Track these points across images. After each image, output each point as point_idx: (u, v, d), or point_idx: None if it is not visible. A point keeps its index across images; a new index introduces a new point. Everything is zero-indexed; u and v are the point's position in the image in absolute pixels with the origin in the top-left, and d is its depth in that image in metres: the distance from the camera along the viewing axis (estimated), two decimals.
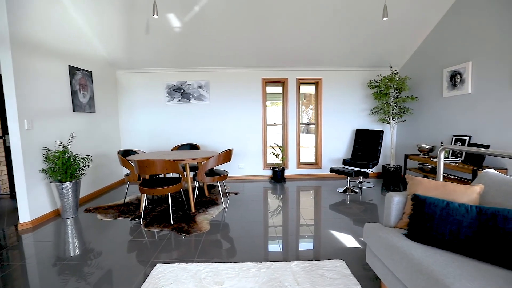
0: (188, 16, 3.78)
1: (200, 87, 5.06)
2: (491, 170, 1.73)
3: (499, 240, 1.26)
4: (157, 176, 3.99)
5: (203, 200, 3.74)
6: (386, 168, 4.80)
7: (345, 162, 4.68)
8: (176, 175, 5.05)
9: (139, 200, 3.81)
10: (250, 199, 3.92)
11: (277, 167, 5.06)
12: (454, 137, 3.72)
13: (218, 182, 3.63)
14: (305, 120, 9.00)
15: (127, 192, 3.98)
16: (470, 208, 1.38)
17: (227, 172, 3.77)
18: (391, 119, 4.75)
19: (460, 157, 3.53)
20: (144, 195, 3.22)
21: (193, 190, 3.95)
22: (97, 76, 4.34)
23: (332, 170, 4.36)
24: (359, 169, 4.48)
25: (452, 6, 3.74)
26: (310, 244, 2.50)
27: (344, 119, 5.26)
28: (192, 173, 4.53)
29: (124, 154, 3.87)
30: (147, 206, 3.53)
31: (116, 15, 3.75)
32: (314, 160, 5.52)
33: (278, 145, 5.14)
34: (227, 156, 3.51)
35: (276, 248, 2.43)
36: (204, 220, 3.04)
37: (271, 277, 1.90)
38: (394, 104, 4.66)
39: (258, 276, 1.91)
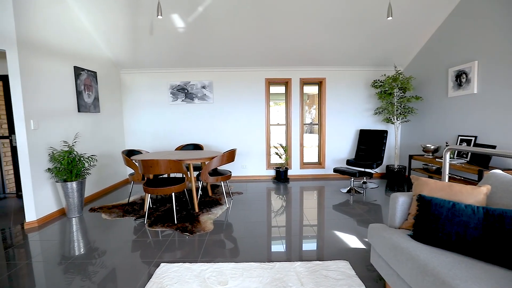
0: (191, 16, 3.80)
1: (204, 87, 5.07)
2: (498, 171, 1.71)
3: (507, 241, 1.24)
4: (161, 176, 4.01)
5: (207, 200, 3.75)
6: (390, 168, 4.77)
7: (348, 163, 4.66)
8: (179, 175, 5.07)
9: (143, 200, 3.83)
10: (254, 199, 3.92)
11: (280, 167, 5.05)
12: (460, 137, 3.68)
13: (221, 182, 3.64)
14: (308, 120, 8.97)
15: (131, 191, 4.01)
16: (477, 209, 1.37)
17: (230, 172, 3.78)
18: (395, 119, 4.72)
19: (466, 157, 3.49)
20: (148, 195, 3.23)
21: (196, 190, 3.96)
22: (101, 77, 4.37)
23: (335, 171, 4.34)
24: (363, 169, 4.46)
25: (457, 5, 3.70)
26: (314, 245, 2.50)
27: (347, 119, 5.24)
28: (196, 173, 4.54)
29: (128, 154, 3.90)
30: (151, 206, 3.55)
31: (121, 16, 3.77)
32: (317, 160, 5.50)
33: (281, 145, 5.14)
34: (230, 156, 3.52)
35: (280, 248, 2.42)
36: (207, 220, 3.05)
37: (275, 277, 1.90)
38: (399, 104, 4.63)
39: (262, 276, 1.91)
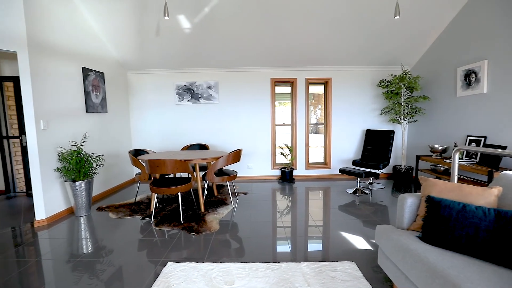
0: (198, 17, 3.81)
1: (210, 87, 5.10)
2: (510, 172, 1.68)
3: None
4: (167, 176, 4.04)
5: (212, 200, 3.76)
6: (397, 169, 4.71)
7: (354, 163, 4.62)
8: (185, 174, 5.10)
9: (149, 199, 3.87)
10: (259, 199, 3.92)
11: (285, 168, 5.04)
12: (469, 137, 3.62)
13: (227, 182, 3.65)
14: (313, 120, 8.92)
15: (137, 191, 4.05)
16: (488, 211, 1.34)
17: (236, 172, 3.78)
18: (402, 119, 4.67)
19: (475, 158, 3.43)
20: (155, 194, 3.26)
21: (202, 190, 3.98)
22: (109, 77, 4.43)
23: (341, 171, 4.32)
24: (369, 170, 4.42)
25: (467, 3, 3.64)
26: (320, 245, 2.48)
27: (353, 119, 5.20)
28: (202, 173, 4.56)
29: (135, 154, 3.94)
30: (157, 205, 3.58)
31: (128, 17, 3.81)
32: (323, 161, 5.47)
33: (287, 145, 5.13)
34: (236, 156, 3.52)
35: (286, 248, 2.42)
36: (213, 220, 3.06)
37: (281, 277, 1.89)
38: (406, 104, 4.57)
39: (268, 277, 1.90)
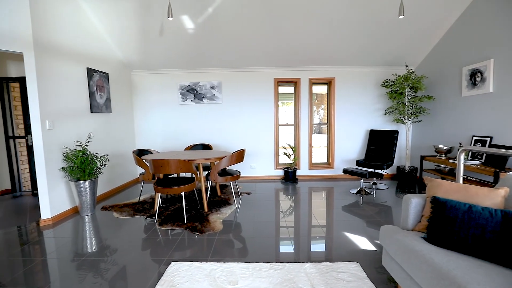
0: (201, 17, 3.82)
1: (213, 87, 5.11)
2: None
3: None
4: (170, 176, 4.05)
5: (216, 200, 3.77)
6: (401, 169, 4.68)
7: (358, 163, 4.60)
8: (188, 174, 5.11)
9: (153, 199, 3.89)
10: (262, 199, 3.92)
11: (289, 168, 5.03)
12: (474, 138, 3.58)
13: (230, 182, 3.65)
14: (316, 120, 8.91)
15: (141, 191, 4.07)
16: (494, 212, 1.33)
17: (239, 172, 3.79)
18: (407, 119, 4.63)
19: (481, 158, 3.40)
20: (159, 194, 3.27)
21: (205, 189, 3.99)
22: (113, 78, 4.46)
23: (345, 171, 4.30)
24: (373, 170, 4.40)
25: (472, 1, 3.60)
26: (323, 246, 2.48)
27: (357, 119, 5.18)
28: (205, 173, 4.57)
29: (139, 154, 3.96)
30: (161, 205, 3.59)
31: (132, 18, 3.84)
32: (326, 161, 5.46)
33: (290, 145, 5.12)
34: (239, 156, 3.52)
35: (289, 248, 2.41)
36: (217, 220, 3.06)
37: (285, 278, 1.89)
38: (410, 104, 4.54)
39: (272, 277, 1.90)
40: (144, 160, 3.45)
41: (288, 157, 5.06)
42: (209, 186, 4.06)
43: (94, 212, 3.42)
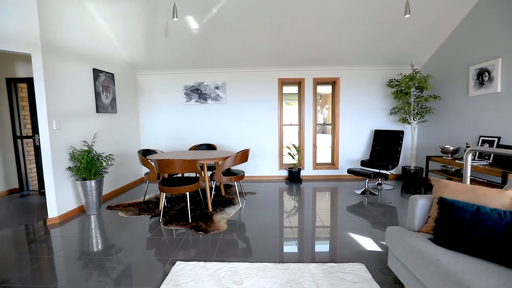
0: (206, 18, 3.84)
1: (217, 87, 5.12)
2: None
3: None
4: (175, 176, 4.07)
5: (220, 200, 3.78)
6: (406, 169, 4.64)
7: (363, 163, 4.57)
8: (193, 174, 5.13)
9: (157, 199, 3.91)
10: (266, 199, 3.92)
11: (293, 168, 5.02)
12: (481, 138, 3.53)
13: (234, 182, 3.65)
14: (320, 120, 8.86)
15: (146, 190, 4.09)
16: (503, 213, 1.31)
17: (243, 172, 3.79)
18: (412, 119, 4.59)
19: (488, 159, 3.35)
20: (163, 194, 3.29)
21: (210, 189, 4.00)
22: (118, 78, 4.49)
23: (350, 171, 4.27)
24: (378, 170, 4.36)
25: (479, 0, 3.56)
26: (328, 246, 2.46)
27: (362, 119, 5.15)
28: (209, 172, 4.59)
29: (144, 154, 3.99)
30: (166, 205, 3.61)
31: (138, 19, 3.86)
32: (330, 161, 5.43)
33: (294, 145, 5.11)
34: (244, 156, 3.53)
35: (293, 249, 2.41)
36: (221, 220, 3.07)
37: (289, 278, 1.89)
38: (416, 104, 4.49)
39: (276, 277, 1.90)
40: (149, 160, 3.47)
41: (292, 157, 5.05)
42: (213, 186, 4.07)
43: (100, 212, 3.46)
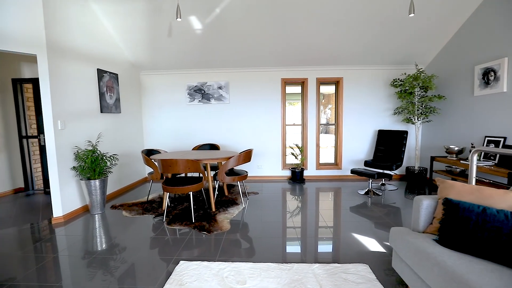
0: (209, 18, 3.84)
1: (220, 87, 5.13)
2: None
3: None
4: (178, 175, 4.09)
5: (223, 200, 3.78)
6: (410, 170, 4.61)
7: (366, 164, 4.55)
8: (196, 174, 5.14)
9: (161, 198, 3.93)
10: (269, 199, 3.91)
11: (296, 168, 5.01)
12: (487, 138, 3.50)
13: (238, 182, 3.66)
14: (323, 120, 8.83)
15: (150, 190, 4.11)
16: (510, 214, 1.29)
17: (247, 172, 3.79)
18: (416, 119, 4.56)
19: (494, 159, 3.31)
20: (167, 194, 3.31)
21: (213, 189, 4.01)
22: (122, 78, 4.52)
23: (353, 172, 4.25)
24: (381, 170, 4.34)
25: None
26: (331, 247, 2.46)
27: (365, 119, 5.12)
28: (212, 172, 4.60)
29: (148, 154, 4.01)
30: (169, 204, 3.63)
31: (141, 19, 3.88)
32: (334, 161, 5.41)
33: (297, 145, 5.10)
34: (247, 156, 3.53)
35: (296, 249, 2.40)
36: (224, 220, 3.07)
37: (293, 278, 1.88)
38: (420, 104, 4.46)
39: (280, 277, 1.90)
40: (153, 160, 3.49)
41: (295, 157, 5.04)
42: (216, 186, 4.07)
43: (104, 211, 3.48)
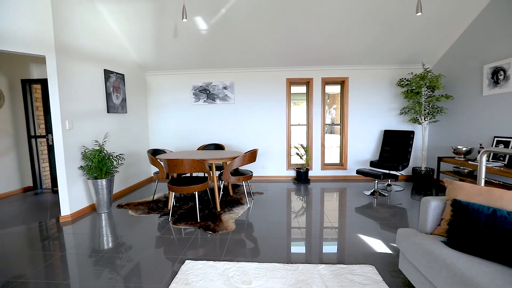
0: (214, 18, 3.86)
1: (225, 88, 5.14)
2: None
3: None
4: (183, 175, 4.11)
5: (228, 200, 3.79)
6: (416, 170, 4.56)
7: (372, 164, 4.51)
8: (201, 174, 5.16)
9: (166, 198, 3.95)
10: (274, 199, 3.91)
11: (301, 168, 5.00)
12: (496, 138, 3.44)
13: (243, 182, 3.66)
14: (328, 120, 8.79)
15: (155, 189, 4.14)
16: None
17: (252, 172, 3.79)
18: (423, 119, 4.50)
19: (503, 160, 3.26)
20: (173, 193, 3.32)
21: (218, 189, 4.02)
22: (128, 79, 4.56)
23: (358, 172, 4.22)
24: (387, 171, 4.30)
25: None
26: (336, 247, 2.44)
27: (371, 119, 5.08)
28: (217, 172, 4.61)
29: (153, 153, 4.04)
30: (175, 204, 3.65)
31: (147, 20, 3.92)
32: (339, 162, 5.38)
33: (302, 145, 5.08)
34: (252, 156, 3.53)
35: (301, 249, 2.39)
36: (229, 219, 3.08)
37: (298, 279, 1.88)
38: (427, 104, 4.41)
39: (285, 278, 1.89)
40: (159, 160, 3.52)
41: (300, 157, 5.02)
42: (221, 185, 4.09)
43: (110, 210, 3.52)
